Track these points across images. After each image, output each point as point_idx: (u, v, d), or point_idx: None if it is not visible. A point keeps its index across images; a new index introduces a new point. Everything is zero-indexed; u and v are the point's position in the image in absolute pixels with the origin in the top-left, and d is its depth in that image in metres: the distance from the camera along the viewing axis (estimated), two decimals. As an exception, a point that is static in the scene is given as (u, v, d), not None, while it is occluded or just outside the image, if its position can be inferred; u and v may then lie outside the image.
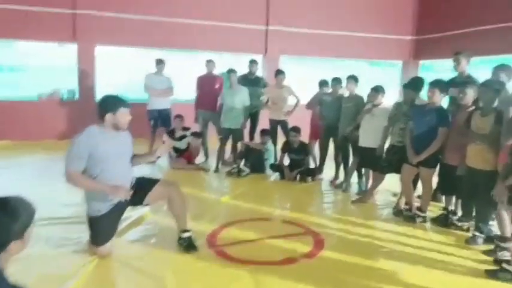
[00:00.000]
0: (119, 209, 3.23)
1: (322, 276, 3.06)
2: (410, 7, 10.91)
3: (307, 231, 3.97)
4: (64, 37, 8.50)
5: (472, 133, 3.69)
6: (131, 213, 4.22)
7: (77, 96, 8.83)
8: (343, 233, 3.96)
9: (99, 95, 8.96)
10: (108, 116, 3.02)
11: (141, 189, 3.30)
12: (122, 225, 3.67)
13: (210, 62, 6.83)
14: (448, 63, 5.10)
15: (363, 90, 5.44)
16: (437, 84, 4.08)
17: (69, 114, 8.73)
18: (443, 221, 4.18)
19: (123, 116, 3.06)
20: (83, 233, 3.42)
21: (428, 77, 11.14)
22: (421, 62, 11.24)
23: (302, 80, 8.76)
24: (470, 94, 3.87)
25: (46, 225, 3.85)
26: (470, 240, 3.74)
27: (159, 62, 7.06)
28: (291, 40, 9.88)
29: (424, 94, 4.74)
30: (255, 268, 3.11)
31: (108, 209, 3.14)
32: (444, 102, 4.32)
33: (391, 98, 5.56)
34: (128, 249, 3.43)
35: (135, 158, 3.36)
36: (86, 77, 8.71)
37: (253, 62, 6.93)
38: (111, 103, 3.04)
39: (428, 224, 4.23)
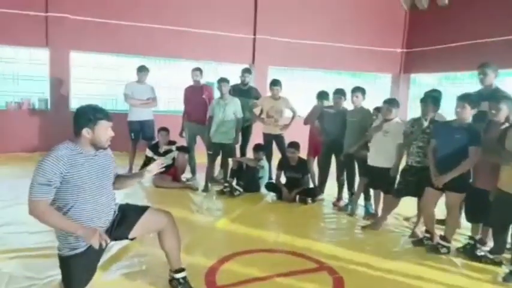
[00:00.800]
0: (97, 252, 2.50)
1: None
2: (401, 19, 10.72)
3: (320, 266, 3.40)
4: (35, 42, 7.76)
5: (507, 153, 3.26)
6: (112, 243, 3.58)
7: (49, 105, 8.05)
8: (361, 267, 3.41)
9: (74, 104, 8.24)
10: (85, 132, 2.40)
11: (126, 220, 2.65)
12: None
13: (196, 71, 6.22)
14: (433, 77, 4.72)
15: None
16: (467, 99, 3.63)
17: (41, 125, 7.93)
18: (471, 252, 3.70)
19: (103, 131, 2.45)
20: (54, 270, 2.81)
21: (415, 91, 11.20)
22: (412, 76, 11.05)
23: (289, 90, 8.33)
24: (504, 110, 3.45)
25: (10, 259, 3.23)
26: (508, 277, 3.27)
27: (142, 69, 6.43)
28: (279, 50, 9.45)
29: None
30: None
31: (86, 246, 2.44)
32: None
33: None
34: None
35: (119, 180, 2.73)
36: (59, 85, 7.96)
37: (246, 71, 6.38)
38: (89, 116, 2.41)
39: (454, 257, 3.73)
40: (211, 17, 8.84)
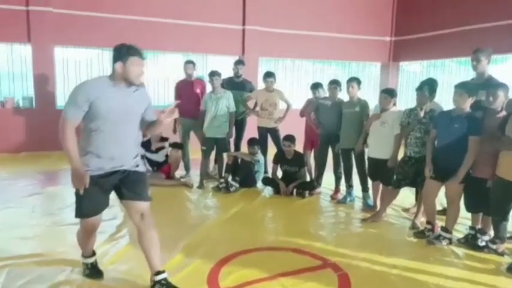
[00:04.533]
0: (106, 182, 2.68)
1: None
2: (389, 8, 10.64)
3: (324, 263, 3.34)
4: (17, 37, 7.48)
5: (508, 139, 3.23)
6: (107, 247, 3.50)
7: (34, 104, 7.80)
8: (366, 263, 3.36)
9: (61, 102, 8.00)
10: (117, 66, 2.57)
11: (129, 189, 2.72)
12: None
13: (189, 64, 6.06)
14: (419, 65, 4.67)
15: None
16: (464, 87, 3.59)
17: (26, 124, 7.69)
18: (473, 243, 3.69)
19: (134, 67, 2.59)
20: (49, 280, 2.78)
21: (403, 81, 11.22)
22: (401, 64, 11.03)
23: (280, 81, 8.21)
24: (501, 97, 3.41)
25: (1, 268, 3.08)
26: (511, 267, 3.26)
27: None
28: (269, 41, 9.31)
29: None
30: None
31: (91, 172, 2.60)
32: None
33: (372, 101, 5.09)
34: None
35: (147, 125, 2.82)
36: (43, 82, 7.70)
37: (238, 63, 6.23)
38: (123, 51, 2.59)
39: (456, 247, 3.72)
40: (200, 8, 8.65)
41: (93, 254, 3.04)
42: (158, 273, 2.76)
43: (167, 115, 2.71)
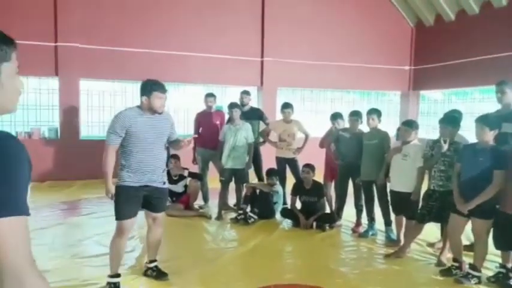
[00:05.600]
0: (138, 192, 3.27)
1: None
2: (408, 37, 10.68)
3: (346, 302, 3.23)
4: (46, 71, 7.81)
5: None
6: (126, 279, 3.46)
7: (59, 134, 8.04)
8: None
9: (84, 133, 8.22)
10: (144, 99, 3.19)
11: (152, 203, 3.38)
12: None
13: (210, 97, 6.17)
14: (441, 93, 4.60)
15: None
16: (485, 121, 3.51)
17: (51, 154, 7.90)
18: (504, 282, 3.50)
19: (157, 99, 3.18)
20: None
21: (424, 107, 11.09)
22: (421, 92, 10.95)
23: (299, 111, 8.23)
24: (531, 131, 3.32)
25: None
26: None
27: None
28: (287, 71, 9.43)
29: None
30: None
31: (128, 183, 3.21)
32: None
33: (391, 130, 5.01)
34: None
35: (172, 143, 3.51)
36: (68, 113, 7.96)
37: (244, 93, 6.29)
38: (147, 87, 3.19)
39: (486, 287, 3.53)
40: (218, 41, 8.88)
41: (119, 275, 3.30)
42: (152, 261, 3.55)
43: (185, 144, 3.42)
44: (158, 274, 3.52)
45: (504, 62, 8.11)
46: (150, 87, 3.18)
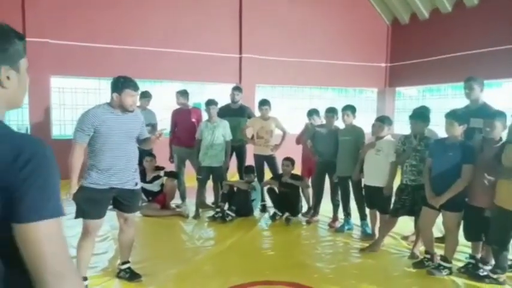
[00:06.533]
0: (103, 195, 3.17)
1: None
2: (384, 34, 10.84)
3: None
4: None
5: (503, 168, 3.20)
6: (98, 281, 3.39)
7: (29, 133, 7.79)
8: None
9: (56, 132, 8.00)
10: (114, 96, 3.09)
11: (124, 204, 3.30)
12: None
13: (183, 94, 6.09)
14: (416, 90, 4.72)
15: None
16: (454, 116, 3.59)
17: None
18: (473, 273, 3.59)
19: (128, 97, 3.09)
20: None
21: (399, 104, 11.30)
22: (397, 89, 11.13)
23: (276, 108, 8.23)
24: (499, 127, 3.40)
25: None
26: (514, 298, 3.17)
27: (145, 95, 6.23)
28: (265, 68, 9.42)
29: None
30: None
31: (91, 185, 3.10)
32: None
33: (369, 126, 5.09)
34: None
35: (141, 141, 3.42)
36: (39, 111, 7.73)
37: (236, 89, 6.25)
38: (118, 84, 3.09)
39: (456, 277, 3.62)
40: (196, 37, 8.78)
41: (86, 278, 3.18)
42: (125, 263, 3.48)
43: (155, 139, 3.36)
44: (131, 276, 3.46)
45: (473, 59, 8.32)
46: (121, 84, 3.06)
